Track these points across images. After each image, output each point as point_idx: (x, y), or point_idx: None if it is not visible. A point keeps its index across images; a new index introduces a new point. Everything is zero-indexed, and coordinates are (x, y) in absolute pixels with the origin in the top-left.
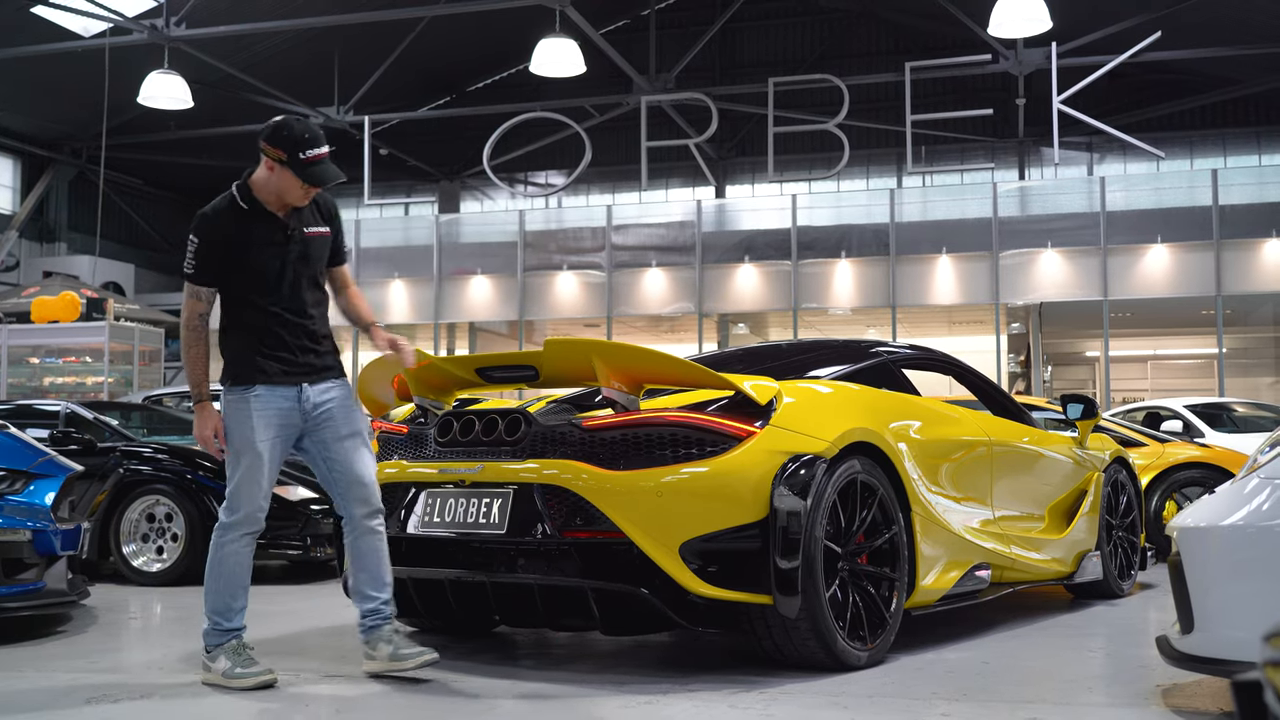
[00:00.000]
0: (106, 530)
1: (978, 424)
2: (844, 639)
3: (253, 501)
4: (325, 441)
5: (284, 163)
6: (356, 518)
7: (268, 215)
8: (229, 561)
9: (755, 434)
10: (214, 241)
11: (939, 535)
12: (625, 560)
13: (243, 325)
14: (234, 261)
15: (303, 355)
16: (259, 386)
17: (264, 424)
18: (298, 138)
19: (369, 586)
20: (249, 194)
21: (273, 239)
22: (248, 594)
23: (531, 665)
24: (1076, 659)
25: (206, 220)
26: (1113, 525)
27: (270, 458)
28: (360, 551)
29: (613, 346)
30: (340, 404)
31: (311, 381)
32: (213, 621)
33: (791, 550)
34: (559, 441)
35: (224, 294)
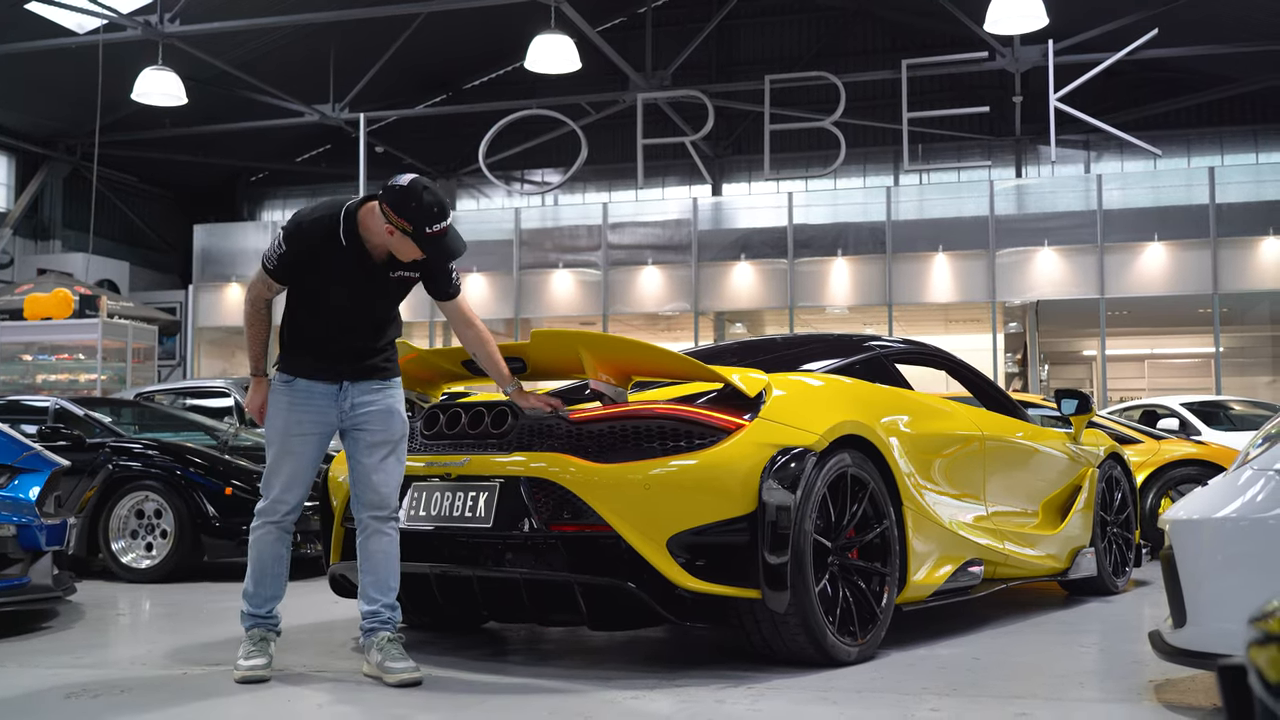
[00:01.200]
0: (95, 526)
1: (971, 419)
2: (834, 634)
3: (275, 492)
4: (357, 442)
5: (407, 234)
6: (366, 519)
7: (362, 254)
8: (254, 549)
9: (744, 426)
10: (300, 254)
11: (931, 530)
12: (612, 554)
13: (299, 325)
14: (312, 272)
15: (346, 360)
16: (300, 380)
17: (297, 417)
18: (426, 211)
19: (373, 589)
20: (353, 229)
21: (356, 275)
22: (278, 586)
23: (519, 661)
24: (1068, 654)
25: (302, 233)
26: (1107, 521)
27: (299, 452)
28: (368, 552)
29: (600, 338)
30: (379, 409)
31: (354, 379)
32: (244, 604)
33: (780, 544)
34: (546, 434)
35: (291, 293)
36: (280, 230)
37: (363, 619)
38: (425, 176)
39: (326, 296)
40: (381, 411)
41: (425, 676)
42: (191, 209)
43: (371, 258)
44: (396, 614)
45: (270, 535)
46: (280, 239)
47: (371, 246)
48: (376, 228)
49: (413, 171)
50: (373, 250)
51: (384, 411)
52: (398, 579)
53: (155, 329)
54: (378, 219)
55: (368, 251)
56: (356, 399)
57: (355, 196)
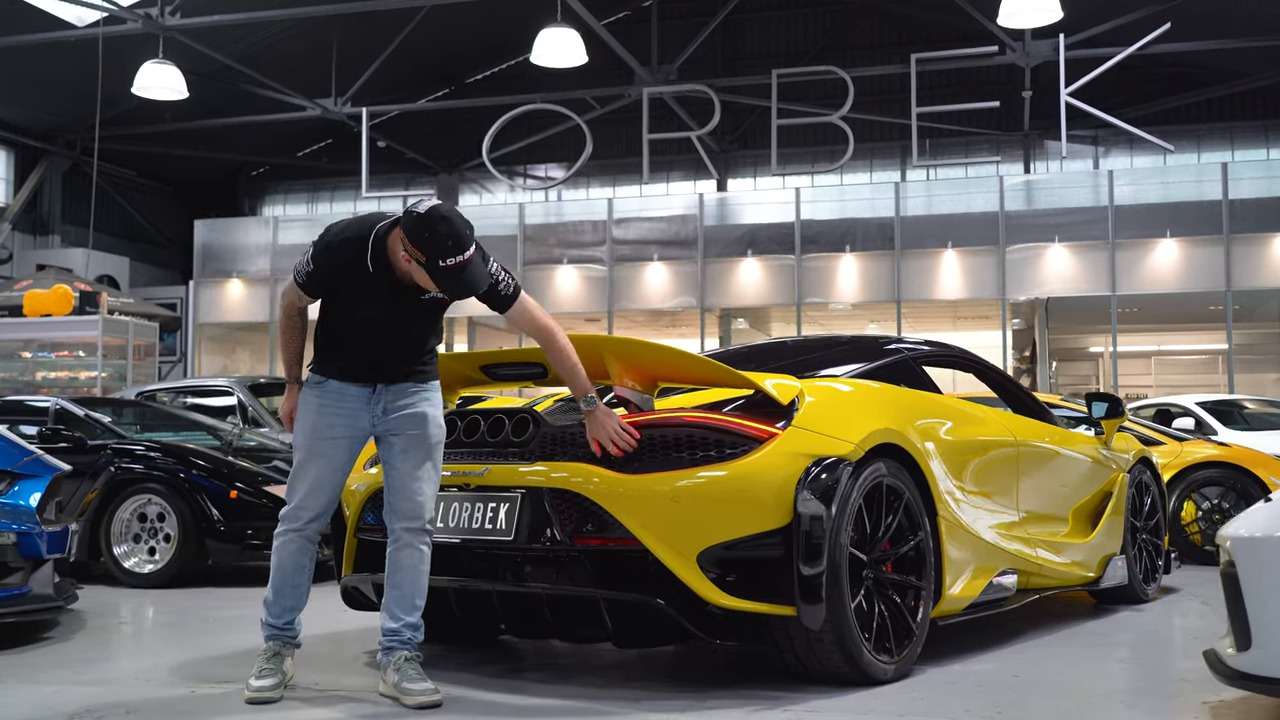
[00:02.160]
0: (97, 531)
1: (1003, 423)
2: (870, 651)
3: (301, 496)
4: (392, 448)
5: (422, 265)
6: (398, 530)
7: (392, 279)
8: (276, 556)
9: (777, 435)
10: (330, 273)
11: (966, 540)
12: (640, 569)
13: (332, 332)
14: (342, 291)
15: (379, 369)
16: (332, 381)
17: (327, 420)
18: (439, 244)
19: (397, 605)
20: (382, 254)
21: (387, 299)
22: (299, 596)
23: (538, 678)
24: (1110, 670)
25: (331, 253)
26: (1137, 528)
27: (327, 456)
28: (396, 565)
29: (626, 343)
30: (415, 412)
31: (389, 381)
32: (263, 612)
33: (816, 558)
34: (569, 443)
35: (324, 301)
36: (311, 246)
37: (383, 635)
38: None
39: (358, 313)
40: (417, 415)
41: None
42: (192, 204)
43: (402, 283)
44: (419, 634)
45: (292, 544)
46: (310, 256)
47: (401, 273)
48: (398, 256)
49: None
50: (402, 274)
51: (420, 416)
52: (424, 597)
53: (156, 326)
54: (396, 243)
55: (398, 277)
56: (390, 403)
57: (386, 217)
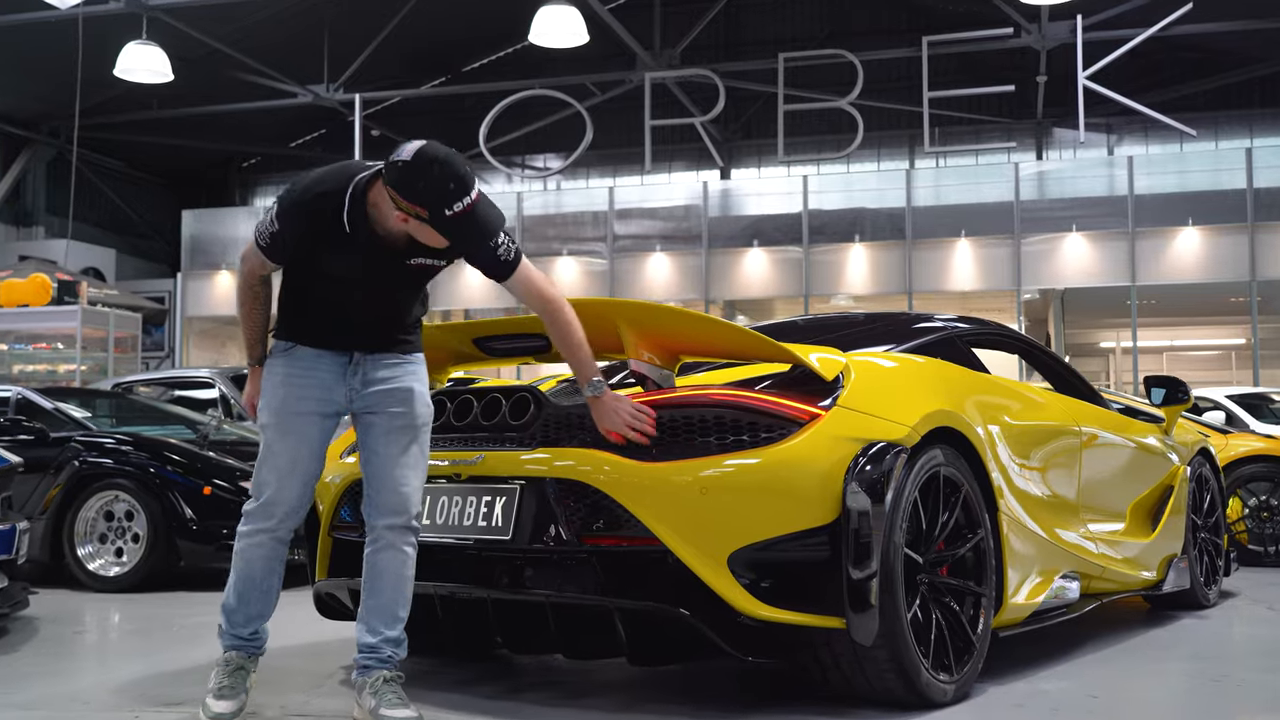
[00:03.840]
0: (60, 530)
1: (1063, 408)
2: (928, 670)
3: (270, 488)
4: (370, 429)
5: (426, 220)
6: (379, 528)
7: (371, 239)
8: (240, 557)
9: (820, 417)
10: (298, 235)
11: (1028, 540)
12: (660, 573)
13: (298, 297)
14: (313, 255)
15: (357, 333)
16: (301, 347)
17: (298, 393)
18: (441, 190)
19: (375, 617)
20: (361, 212)
21: (366, 266)
22: (266, 604)
23: (538, 700)
24: (1199, 689)
25: (301, 211)
26: (1197, 525)
27: (299, 434)
28: (376, 570)
29: (643, 308)
30: (399, 386)
31: (368, 350)
32: (222, 619)
33: (867, 560)
34: (576, 426)
35: (290, 268)
36: (275, 202)
37: (359, 652)
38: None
39: (331, 279)
40: (402, 391)
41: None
42: (182, 195)
43: (383, 245)
44: (401, 650)
45: (263, 546)
46: (274, 215)
47: (385, 231)
48: (389, 212)
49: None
50: (385, 235)
51: (405, 391)
52: (408, 606)
53: (139, 317)
54: (387, 204)
55: (379, 238)
56: (370, 374)
57: (368, 167)
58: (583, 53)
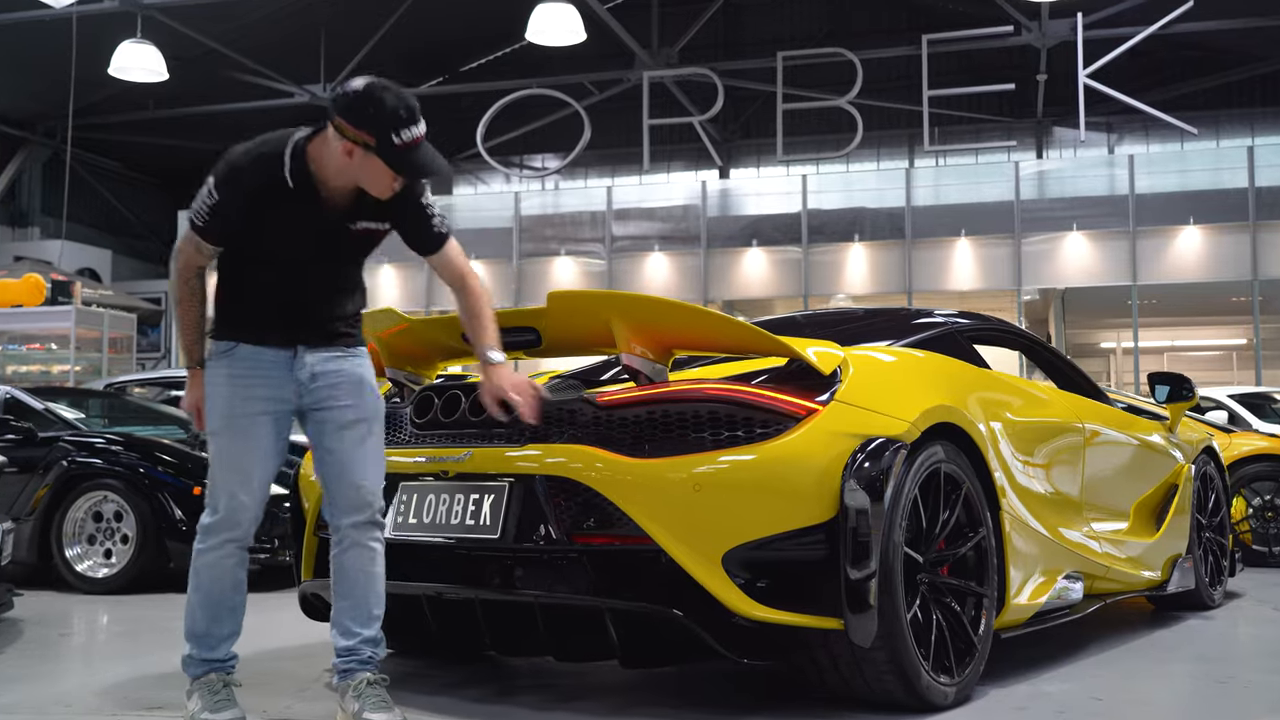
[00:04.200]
0: (48, 531)
1: (1067, 405)
2: (928, 672)
3: (230, 496)
4: (322, 426)
5: (371, 149)
6: (343, 528)
7: (315, 199)
8: (206, 575)
9: (818, 412)
10: (238, 204)
11: (1031, 539)
12: (653, 572)
13: (236, 287)
14: (254, 231)
15: (301, 325)
16: (242, 346)
17: (244, 394)
18: (390, 115)
19: (350, 619)
20: (303, 168)
21: (309, 230)
22: (237, 620)
23: (530, 703)
24: (1200, 691)
25: (237, 177)
26: (1202, 525)
27: (252, 436)
28: (345, 572)
29: (635, 300)
30: (348, 379)
31: (311, 343)
32: (189, 647)
33: (866, 559)
34: (567, 422)
35: (227, 254)
36: (210, 176)
37: (337, 656)
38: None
39: (273, 254)
40: (351, 383)
41: None
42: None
43: (327, 206)
44: (380, 649)
45: (230, 557)
46: (211, 187)
47: (329, 190)
48: (332, 159)
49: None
50: (329, 195)
51: (355, 383)
52: (383, 604)
53: (134, 317)
54: (332, 146)
55: (323, 198)
56: (318, 367)
57: (305, 130)
58: (581, 52)
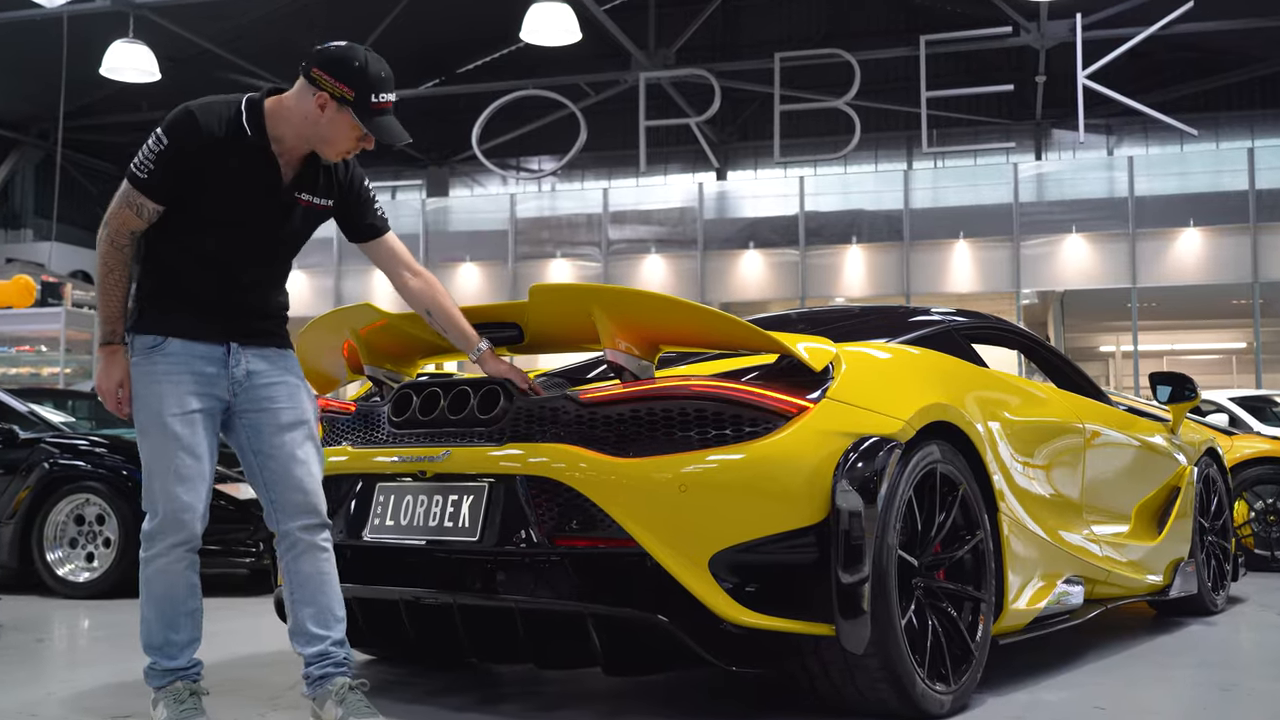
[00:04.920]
0: (28, 534)
1: (1066, 405)
2: (923, 679)
3: (171, 498)
4: (259, 429)
5: (346, 102)
6: (294, 532)
7: (268, 158)
8: (157, 584)
9: (809, 410)
10: (188, 152)
11: (1030, 542)
12: (637, 577)
13: (167, 268)
14: (197, 191)
15: (236, 315)
16: (172, 340)
17: (178, 392)
18: (374, 75)
19: (313, 623)
20: (258, 121)
21: (259, 189)
22: (197, 624)
23: (515, 710)
24: (1202, 699)
25: (192, 123)
26: (1204, 529)
27: (192, 438)
28: (301, 576)
29: (620, 294)
30: (285, 382)
31: (243, 342)
32: (151, 659)
33: (858, 563)
34: (549, 420)
35: (160, 226)
36: (158, 128)
37: (307, 663)
38: (412, 161)
39: (220, 220)
40: (289, 386)
41: None
42: None
43: (278, 166)
44: (349, 651)
45: (182, 562)
46: (159, 135)
47: (281, 149)
48: (293, 115)
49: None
50: (281, 154)
51: (292, 386)
52: (343, 603)
53: None
54: (298, 101)
55: (274, 156)
56: (252, 366)
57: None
58: (577, 53)
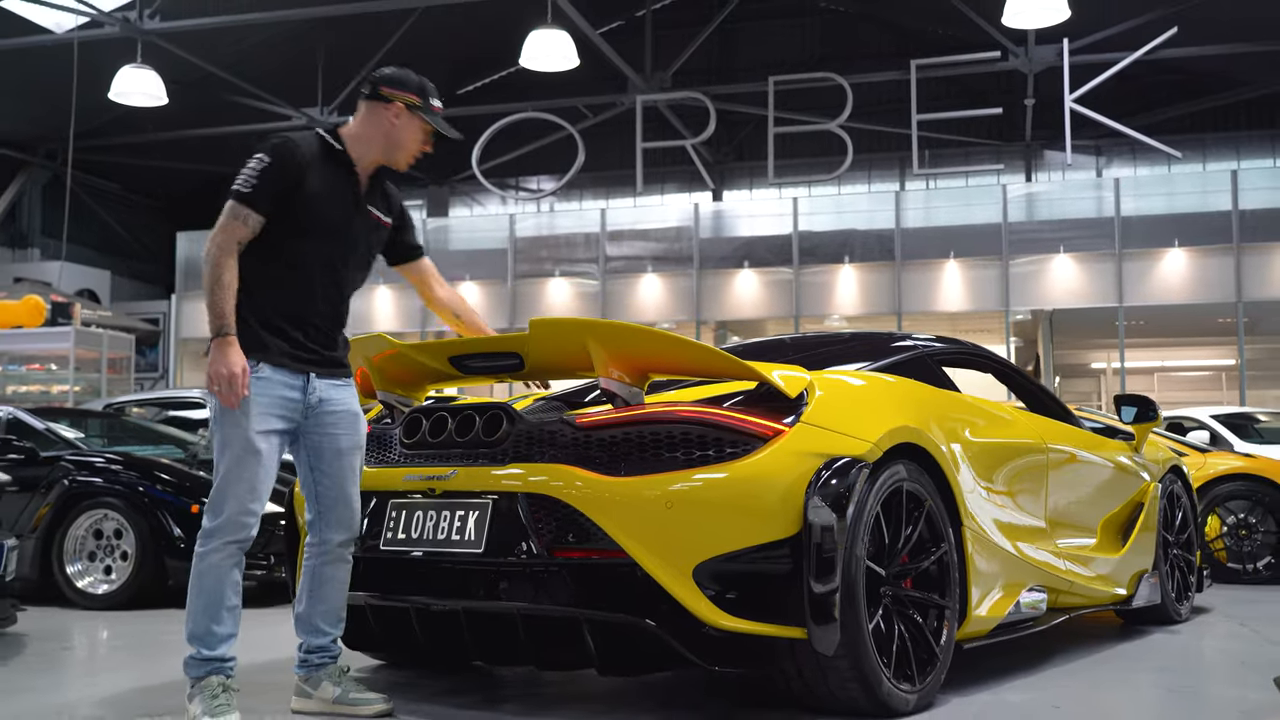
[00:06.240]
0: (49, 548)
1: (1031, 426)
2: (889, 679)
3: (240, 504)
4: (320, 450)
5: (415, 108)
6: (332, 543)
7: (350, 172)
8: (208, 577)
9: (784, 433)
10: (286, 168)
11: (993, 554)
12: (628, 585)
13: (268, 281)
14: (293, 203)
15: (317, 340)
16: (264, 365)
17: (263, 412)
18: (428, 87)
19: (324, 621)
20: (342, 144)
21: (346, 199)
22: (236, 620)
23: (515, 709)
24: (1159, 700)
25: (289, 144)
26: (1169, 542)
27: (268, 454)
28: (324, 579)
29: (612, 327)
30: (348, 410)
31: (320, 373)
32: (193, 648)
33: (829, 573)
34: (547, 442)
35: (260, 240)
36: (259, 152)
37: (309, 653)
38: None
39: (318, 224)
40: (351, 414)
41: None
42: (176, 217)
43: (359, 180)
44: (341, 647)
45: (230, 559)
46: (260, 156)
47: (359, 160)
48: (371, 129)
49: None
50: (359, 167)
51: (353, 414)
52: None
53: (132, 338)
54: (369, 119)
55: (356, 171)
56: (324, 394)
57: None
58: (575, 76)
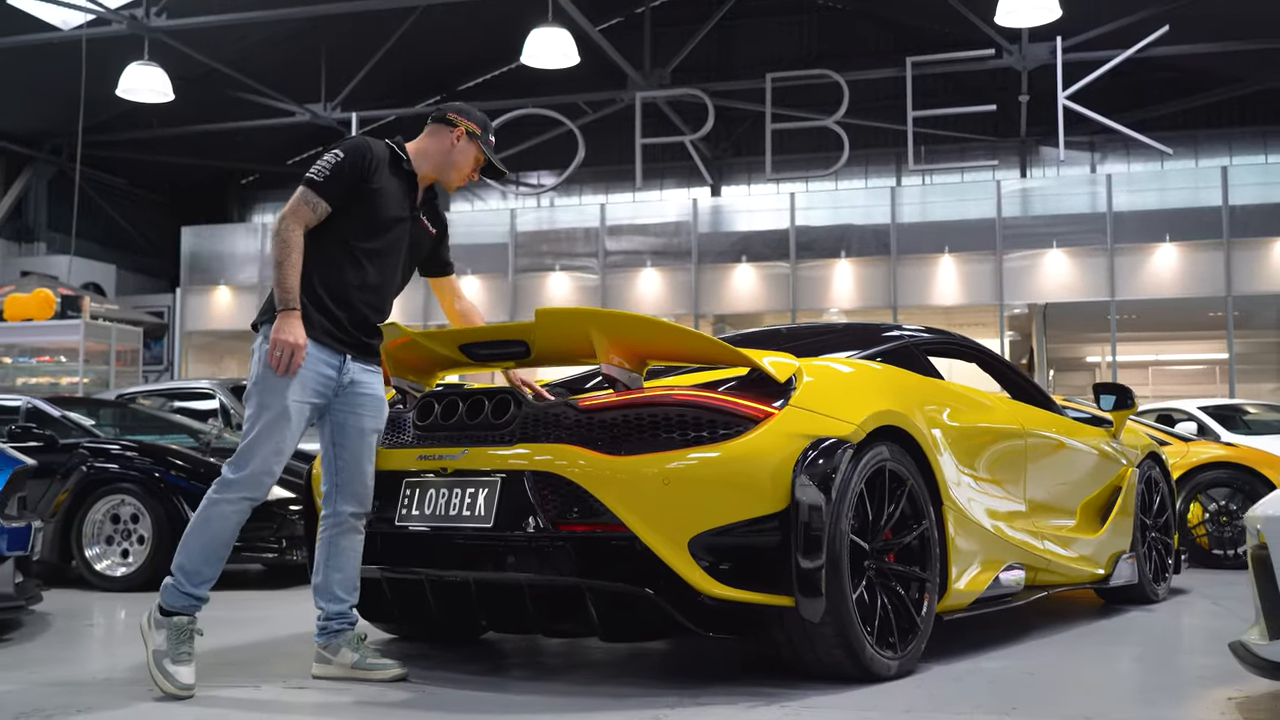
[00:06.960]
0: (68, 532)
1: (1011, 412)
2: (872, 646)
3: (264, 463)
4: (346, 427)
5: (474, 136)
6: (345, 514)
7: (411, 180)
8: (216, 523)
9: (773, 415)
10: (359, 166)
11: (972, 532)
12: (628, 557)
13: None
14: (358, 198)
15: (358, 326)
16: (309, 342)
17: (303, 385)
18: (486, 121)
19: (341, 588)
20: (406, 155)
21: (403, 202)
22: (221, 566)
23: (522, 675)
24: (1127, 669)
25: (363, 146)
26: (1147, 525)
27: (297, 422)
28: (340, 549)
29: (614, 316)
30: (375, 393)
31: (356, 356)
32: (176, 579)
33: (815, 546)
34: (552, 424)
35: (323, 227)
36: (335, 149)
37: (327, 619)
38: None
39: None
40: (378, 398)
41: (422, 696)
42: (181, 212)
43: (417, 188)
44: (358, 615)
45: (241, 512)
46: (336, 152)
47: (420, 179)
48: (433, 147)
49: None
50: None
51: (379, 399)
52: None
53: (140, 331)
54: (433, 138)
55: (415, 180)
56: (356, 376)
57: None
58: (575, 72)
